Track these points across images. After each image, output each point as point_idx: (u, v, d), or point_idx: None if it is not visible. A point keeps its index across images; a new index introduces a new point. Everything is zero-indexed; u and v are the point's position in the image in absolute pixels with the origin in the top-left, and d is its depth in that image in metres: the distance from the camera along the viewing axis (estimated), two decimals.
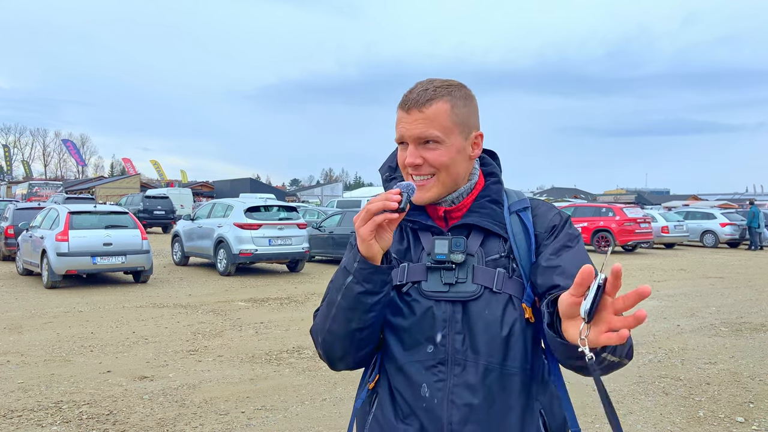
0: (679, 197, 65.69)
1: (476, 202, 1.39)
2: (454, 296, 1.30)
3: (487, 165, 1.46)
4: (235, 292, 11.25)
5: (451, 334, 1.28)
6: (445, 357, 1.28)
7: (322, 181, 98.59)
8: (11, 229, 15.63)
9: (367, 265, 1.24)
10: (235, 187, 49.72)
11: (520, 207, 1.41)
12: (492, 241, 1.35)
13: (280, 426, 4.55)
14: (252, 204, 14.10)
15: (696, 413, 4.84)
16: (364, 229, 1.20)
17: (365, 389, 1.39)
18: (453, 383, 1.27)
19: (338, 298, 1.28)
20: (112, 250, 11.55)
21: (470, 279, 1.31)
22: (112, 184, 52.90)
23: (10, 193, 52.21)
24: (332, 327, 1.31)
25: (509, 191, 1.45)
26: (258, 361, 6.35)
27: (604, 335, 0.96)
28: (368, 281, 1.24)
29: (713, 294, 11.34)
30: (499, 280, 1.31)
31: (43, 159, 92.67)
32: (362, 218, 1.21)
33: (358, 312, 1.27)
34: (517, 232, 1.36)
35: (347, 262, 1.28)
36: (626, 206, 22.19)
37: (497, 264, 1.32)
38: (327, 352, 1.36)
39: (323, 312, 1.34)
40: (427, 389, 1.28)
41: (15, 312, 8.93)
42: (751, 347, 7.04)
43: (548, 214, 1.41)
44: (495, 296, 1.30)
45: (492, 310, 1.29)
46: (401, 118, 1.33)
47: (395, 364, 1.32)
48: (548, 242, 1.35)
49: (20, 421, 4.57)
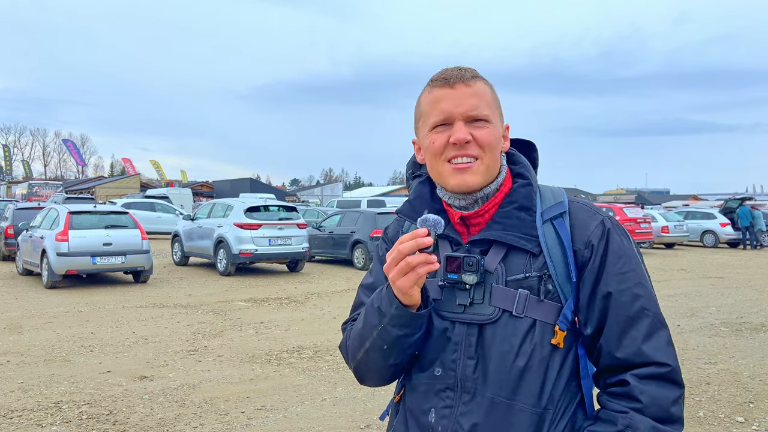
0: (679, 197, 65.67)
1: (501, 210, 1.23)
2: (470, 318, 1.19)
3: (517, 164, 1.30)
4: (235, 292, 11.25)
5: (463, 359, 1.18)
6: (455, 383, 1.19)
7: (322, 181, 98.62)
8: (11, 229, 15.63)
9: (406, 312, 1.15)
10: (235, 187, 49.73)
11: (555, 213, 1.23)
12: (517, 257, 1.20)
13: (280, 426, 4.55)
14: (252, 204, 14.11)
15: (696, 413, 4.84)
16: (405, 281, 1.11)
17: (392, 401, 1.36)
18: (460, 412, 1.18)
19: (373, 335, 1.20)
20: (112, 250, 11.55)
21: (487, 300, 1.18)
22: (112, 184, 52.94)
23: (9, 193, 52.23)
24: (368, 359, 1.25)
25: (544, 191, 1.28)
26: (258, 361, 6.35)
27: None
28: (407, 326, 1.16)
29: (713, 294, 11.34)
30: (521, 302, 1.17)
31: (43, 159, 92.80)
32: (400, 269, 1.10)
33: (396, 351, 1.21)
34: (552, 246, 1.20)
35: (382, 304, 1.17)
36: (626, 206, 22.19)
37: (521, 285, 1.18)
38: (361, 376, 1.31)
39: (355, 342, 1.26)
40: (433, 415, 1.20)
41: (15, 312, 8.93)
42: (751, 347, 7.04)
43: (589, 224, 1.22)
44: (515, 321, 1.17)
45: (509, 337, 1.16)
46: (444, 95, 1.19)
47: (411, 383, 1.27)
48: (590, 266, 1.19)
49: (20, 421, 4.56)
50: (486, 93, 1.22)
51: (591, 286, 1.19)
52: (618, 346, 1.16)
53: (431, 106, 1.22)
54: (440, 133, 1.20)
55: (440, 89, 1.21)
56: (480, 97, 1.20)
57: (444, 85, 1.20)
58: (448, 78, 1.21)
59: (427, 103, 1.23)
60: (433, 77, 1.25)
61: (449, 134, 1.19)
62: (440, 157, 1.21)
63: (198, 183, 59.62)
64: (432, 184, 1.32)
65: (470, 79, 1.20)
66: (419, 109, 1.27)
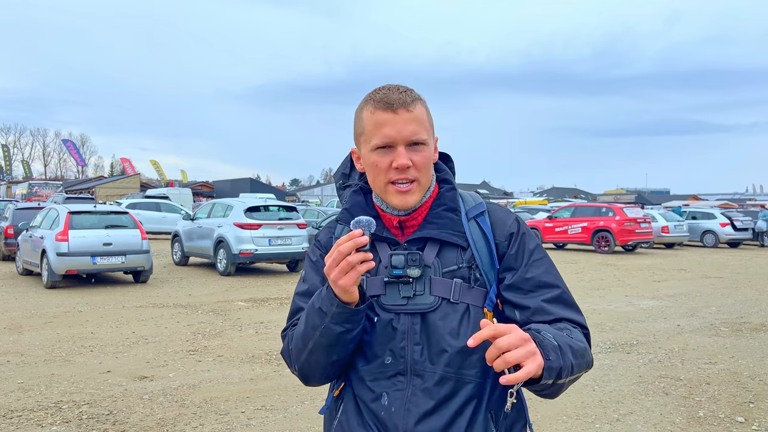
0: (679, 197, 65.69)
1: (432, 212, 1.38)
2: (413, 308, 1.31)
3: (440, 171, 1.45)
4: (235, 292, 11.25)
5: (410, 345, 1.30)
6: (405, 368, 1.30)
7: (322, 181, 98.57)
8: (11, 229, 15.63)
9: (346, 309, 1.24)
10: (235, 187, 49.76)
11: (478, 212, 1.41)
12: (449, 252, 1.35)
13: (280, 426, 4.55)
14: (252, 204, 14.11)
15: (696, 413, 4.84)
16: (347, 279, 1.20)
17: (331, 396, 1.43)
18: (411, 392, 1.29)
19: (316, 335, 1.29)
20: (112, 250, 11.55)
21: (428, 291, 1.32)
22: (112, 184, 52.94)
23: (9, 193, 52.19)
24: (311, 359, 1.33)
25: (465, 196, 1.45)
26: (258, 361, 6.35)
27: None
28: (348, 322, 1.26)
29: (713, 294, 11.35)
30: (456, 290, 1.32)
31: (43, 159, 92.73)
32: (341, 268, 1.19)
33: (338, 347, 1.30)
34: (477, 239, 1.37)
35: (323, 304, 1.26)
36: (626, 206, 22.18)
37: (455, 275, 1.33)
38: (305, 376, 1.39)
39: (298, 344, 1.34)
40: (386, 398, 1.31)
41: (15, 312, 8.93)
42: (751, 347, 7.04)
43: (505, 221, 1.41)
44: (452, 306, 1.31)
45: (449, 321, 1.31)
46: (387, 120, 1.29)
47: (358, 374, 1.35)
48: (511, 253, 1.37)
49: (20, 421, 4.56)
50: (423, 115, 1.33)
51: (514, 268, 1.36)
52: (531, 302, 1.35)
53: (374, 128, 1.31)
54: (383, 156, 1.31)
55: (383, 113, 1.30)
56: (419, 122, 1.31)
57: (387, 109, 1.29)
58: (391, 103, 1.29)
59: (369, 123, 1.32)
60: (374, 96, 1.33)
61: (391, 158, 1.30)
62: (383, 177, 1.32)
63: (198, 183, 59.65)
64: (365, 192, 1.44)
65: (410, 104, 1.30)
66: (360, 125, 1.35)
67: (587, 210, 22.21)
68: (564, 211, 22.59)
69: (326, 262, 1.21)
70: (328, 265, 1.20)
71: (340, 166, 1.51)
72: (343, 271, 1.19)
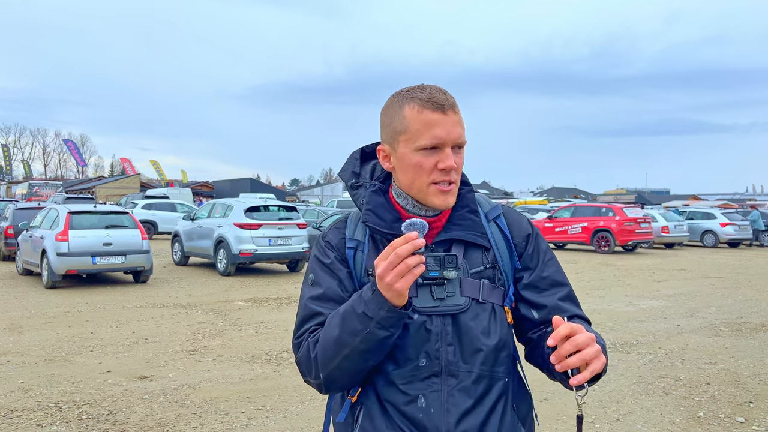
0: (679, 197, 65.68)
1: (455, 213, 1.38)
2: (445, 310, 1.32)
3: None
4: (235, 292, 11.25)
5: (444, 347, 1.31)
6: (439, 369, 1.31)
7: (322, 181, 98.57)
8: (11, 229, 15.63)
9: (396, 313, 1.21)
10: (235, 187, 49.74)
11: (496, 214, 1.44)
12: (474, 253, 1.37)
13: (280, 426, 4.55)
14: (252, 204, 14.11)
15: (696, 413, 4.84)
16: (403, 283, 1.16)
17: (347, 402, 1.38)
18: (447, 392, 1.30)
19: (355, 341, 1.24)
20: (112, 250, 11.55)
21: (458, 292, 1.33)
22: (112, 184, 52.93)
23: (9, 193, 52.19)
24: (344, 365, 1.28)
25: (479, 198, 1.46)
26: (258, 361, 6.35)
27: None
28: (394, 326, 1.24)
29: (713, 294, 11.35)
30: (484, 291, 1.35)
31: (43, 159, 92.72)
32: (398, 271, 1.15)
33: (377, 352, 1.27)
34: (498, 240, 1.41)
35: (368, 308, 1.22)
36: (626, 206, 22.18)
37: (481, 275, 1.35)
38: (330, 383, 1.33)
39: (329, 350, 1.28)
40: (423, 400, 1.30)
41: (15, 312, 8.93)
42: (751, 347, 7.04)
43: (521, 223, 1.46)
44: (481, 306, 1.34)
45: (480, 321, 1.33)
46: (437, 120, 1.28)
47: (386, 378, 1.33)
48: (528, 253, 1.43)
49: (20, 421, 4.57)
50: (462, 119, 1.34)
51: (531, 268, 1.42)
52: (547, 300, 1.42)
53: (422, 128, 1.28)
54: (428, 156, 1.30)
55: (433, 113, 1.28)
56: (462, 125, 1.32)
57: (437, 110, 1.28)
58: (440, 103, 1.28)
59: (416, 123, 1.29)
60: (418, 94, 1.30)
61: (437, 159, 1.29)
62: (426, 177, 1.31)
63: (198, 183, 59.62)
64: (384, 192, 1.41)
65: (456, 106, 1.31)
66: (402, 124, 1.32)
67: (587, 210, 22.20)
68: (564, 211, 22.59)
69: (377, 264, 1.18)
70: (383, 268, 1.16)
71: (348, 164, 1.48)
72: (400, 275, 1.15)
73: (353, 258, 1.39)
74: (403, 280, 1.16)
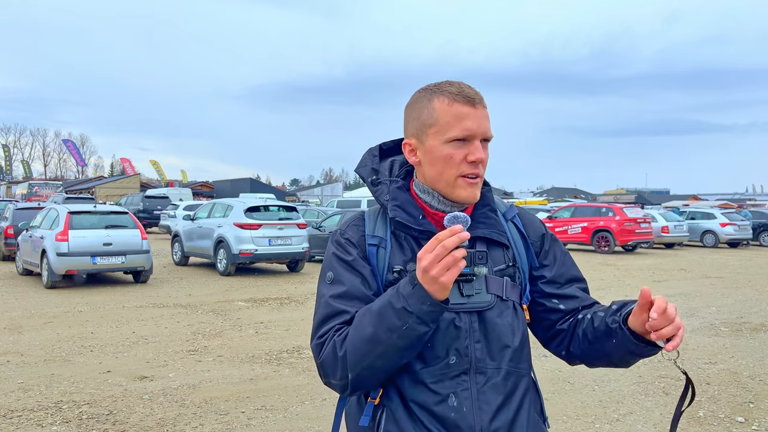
0: (679, 197, 65.67)
1: (478, 212, 1.40)
2: (472, 307, 1.32)
3: None
4: (235, 292, 11.25)
5: (472, 344, 1.31)
6: (468, 366, 1.31)
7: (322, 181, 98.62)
8: (11, 229, 15.63)
9: (439, 307, 1.19)
10: (235, 187, 49.74)
11: (513, 214, 1.47)
12: (496, 251, 1.39)
13: (280, 426, 4.55)
14: (252, 204, 14.11)
15: (696, 413, 4.84)
16: (449, 275, 1.16)
17: (369, 405, 1.34)
18: (477, 390, 1.30)
19: (393, 337, 1.20)
20: (112, 250, 11.55)
21: (484, 289, 1.34)
22: (112, 184, 52.96)
23: (9, 193, 52.19)
24: (378, 363, 1.24)
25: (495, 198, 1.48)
26: (258, 361, 6.35)
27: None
28: (434, 321, 1.22)
29: (713, 294, 11.35)
30: (507, 288, 1.37)
31: (43, 159, 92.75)
32: (445, 264, 1.15)
33: (413, 349, 1.25)
34: (516, 239, 1.44)
35: (408, 304, 1.18)
36: (626, 206, 22.18)
37: (504, 273, 1.38)
38: (359, 383, 1.28)
39: (362, 349, 1.23)
40: (454, 399, 1.29)
41: (15, 312, 8.93)
42: (751, 347, 7.05)
43: (535, 222, 1.51)
44: (505, 304, 1.36)
45: (504, 318, 1.35)
46: (468, 113, 1.29)
47: (413, 377, 1.30)
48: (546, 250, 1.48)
49: (20, 421, 4.57)
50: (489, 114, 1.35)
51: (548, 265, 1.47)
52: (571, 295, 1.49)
53: (453, 120, 1.30)
54: (457, 149, 1.30)
55: (463, 106, 1.30)
56: (489, 120, 1.34)
57: (467, 103, 1.30)
58: (471, 97, 1.30)
59: (446, 115, 1.30)
60: (447, 88, 1.32)
61: (466, 151, 1.30)
62: (455, 170, 1.31)
63: (198, 183, 59.62)
64: (407, 189, 1.41)
65: (483, 101, 1.34)
66: (431, 117, 1.32)
67: (587, 210, 22.21)
68: (564, 211, 22.59)
69: (421, 257, 1.16)
70: (429, 260, 1.14)
71: (366, 161, 1.47)
72: (446, 267, 1.14)
73: (375, 255, 1.37)
74: (449, 273, 1.15)
